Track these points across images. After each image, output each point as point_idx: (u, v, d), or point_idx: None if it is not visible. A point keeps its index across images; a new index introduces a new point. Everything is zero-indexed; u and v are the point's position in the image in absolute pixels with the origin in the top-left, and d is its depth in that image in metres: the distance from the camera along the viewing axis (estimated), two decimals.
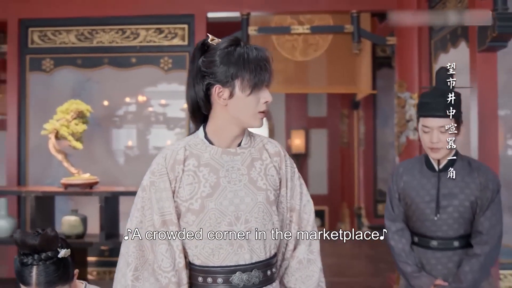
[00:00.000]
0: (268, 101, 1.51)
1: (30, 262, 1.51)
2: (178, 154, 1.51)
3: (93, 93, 4.46)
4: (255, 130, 1.65)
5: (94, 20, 4.39)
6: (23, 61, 4.45)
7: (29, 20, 4.45)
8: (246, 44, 1.52)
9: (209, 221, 1.46)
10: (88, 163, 4.41)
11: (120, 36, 4.38)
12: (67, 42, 4.43)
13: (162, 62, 4.35)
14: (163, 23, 4.34)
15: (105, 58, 4.41)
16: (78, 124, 3.63)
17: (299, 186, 1.67)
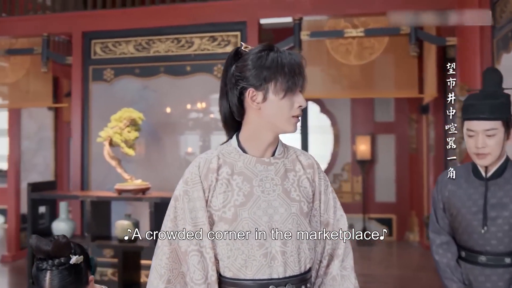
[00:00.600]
0: (302, 106, 1.48)
1: (44, 267, 1.55)
2: (212, 162, 1.49)
3: (150, 101, 4.58)
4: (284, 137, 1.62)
5: (151, 31, 4.52)
6: (86, 71, 4.67)
7: (92, 32, 4.66)
8: (280, 49, 1.51)
9: (242, 230, 1.43)
10: (146, 170, 4.54)
11: (176, 45, 4.48)
12: (126, 52, 4.59)
13: (216, 70, 4.40)
14: (217, 31, 4.38)
15: (161, 67, 4.52)
16: (131, 132, 3.74)
17: (332, 199, 1.63)
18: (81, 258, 1.59)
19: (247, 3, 4.31)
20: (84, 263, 1.62)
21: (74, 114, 4.66)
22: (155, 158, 4.58)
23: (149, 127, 4.57)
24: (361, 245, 7.24)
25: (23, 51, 4.92)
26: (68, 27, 4.73)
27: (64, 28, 4.77)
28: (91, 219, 3.74)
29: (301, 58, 1.51)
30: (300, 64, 1.48)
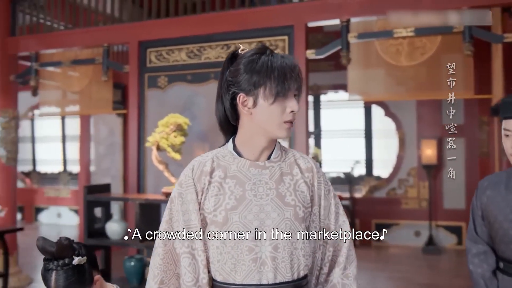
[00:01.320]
0: (294, 111, 1.46)
1: (50, 267, 1.64)
2: (206, 165, 1.51)
3: (201, 107, 4.68)
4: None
5: (202, 38, 4.61)
6: (142, 79, 4.86)
7: (147, 41, 4.85)
8: (273, 52, 1.49)
9: (232, 234, 1.43)
10: None
11: (225, 51, 4.54)
12: (179, 59, 4.73)
13: None
14: (264, 36, 4.40)
15: (211, 73, 4.61)
16: (177, 137, 3.83)
17: (334, 205, 1.59)
18: (84, 259, 1.66)
19: (294, 7, 4.29)
20: (89, 264, 1.69)
21: (130, 120, 4.87)
22: None
23: (200, 133, 4.67)
24: (428, 254, 6.95)
25: (86, 61, 5.21)
26: (126, 37, 4.95)
27: (122, 38, 5.00)
28: (140, 220, 3.88)
29: (293, 61, 1.48)
30: (292, 67, 1.46)
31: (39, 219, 9.93)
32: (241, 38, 4.48)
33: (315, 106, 8.50)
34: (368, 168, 8.25)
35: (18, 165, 10.38)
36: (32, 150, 10.65)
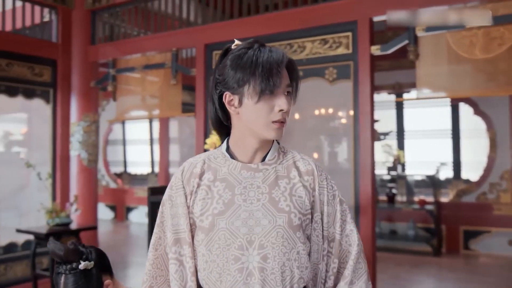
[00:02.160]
0: (283, 110, 1.33)
1: (59, 271, 1.65)
2: (196, 167, 1.42)
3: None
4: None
5: (266, 38, 4.54)
6: (208, 81, 4.89)
7: (213, 44, 4.87)
8: (262, 46, 1.37)
9: (218, 241, 1.33)
10: None
11: (289, 50, 4.44)
12: None
13: (327, 73, 4.24)
14: (327, 33, 4.23)
15: None
16: None
17: (340, 212, 1.44)
18: (91, 264, 1.65)
19: (357, 2, 4.08)
20: (97, 269, 1.68)
21: (198, 122, 4.91)
22: None
23: None
24: None
25: (157, 66, 5.35)
26: (192, 41, 5.01)
27: (189, 42, 5.07)
28: None
29: (282, 55, 1.35)
30: (279, 62, 1.32)
31: (130, 218, 10.43)
32: (303, 36, 4.35)
33: (397, 105, 8.10)
34: (455, 170, 7.71)
35: (110, 167, 11.03)
36: (123, 152, 11.23)
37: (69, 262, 1.64)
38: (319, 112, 4.46)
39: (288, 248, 1.33)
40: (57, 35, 5.65)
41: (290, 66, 1.41)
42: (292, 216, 1.35)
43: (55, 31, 5.66)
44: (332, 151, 4.36)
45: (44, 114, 5.64)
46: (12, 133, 6.81)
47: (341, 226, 1.44)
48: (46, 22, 5.76)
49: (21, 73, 5.27)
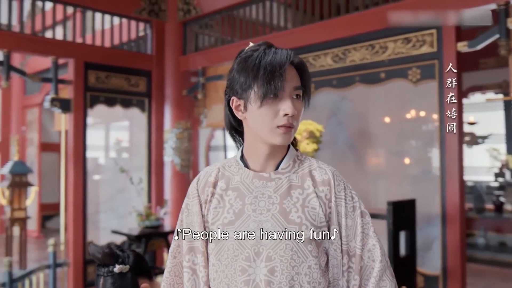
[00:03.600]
0: (288, 114, 1.27)
1: (98, 273, 1.71)
2: (211, 175, 1.40)
3: (347, 112, 4.48)
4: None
5: (347, 40, 4.42)
6: None
7: (295, 49, 4.83)
8: (269, 48, 1.32)
9: (227, 251, 1.30)
10: None
11: (370, 52, 4.27)
12: (325, 64, 4.60)
13: (410, 74, 4.01)
14: (411, 32, 4.00)
15: (356, 76, 4.37)
16: (309, 144, 3.72)
17: (361, 225, 1.33)
18: (126, 268, 1.69)
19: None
20: (133, 272, 1.72)
21: None
22: (353, 170, 4.43)
23: (347, 140, 4.47)
24: None
25: None
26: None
27: None
28: None
29: (286, 56, 1.28)
30: (282, 64, 1.25)
31: None
32: (386, 36, 4.16)
33: (506, 105, 7.43)
34: None
35: None
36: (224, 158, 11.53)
37: (106, 265, 1.70)
38: (402, 115, 4.23)
39: (297, 262, 1.26)
40: (151, 48, 5.97)
41: (301, 67, 1.34)
42: (303, 228, 1.28)
43: (150, 44, 5.98)
44: (416, 156, 4.11)
45: (140, 122, 5.98)
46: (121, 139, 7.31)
47: (362, 240, 1.32)
48: (141, 36, 6.11)
49: (119, 84, 5.64)
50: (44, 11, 5.21)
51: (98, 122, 7.40)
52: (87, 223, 5.31)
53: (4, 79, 4.74)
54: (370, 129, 4.37)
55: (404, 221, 3.30)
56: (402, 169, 4.19)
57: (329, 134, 4.50)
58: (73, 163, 5.24)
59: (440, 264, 3.76)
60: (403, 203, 3.33)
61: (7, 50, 4.74)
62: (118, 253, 1.73)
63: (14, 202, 5.63)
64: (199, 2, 5.74)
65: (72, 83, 5.27)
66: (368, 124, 4.38)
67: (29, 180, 6.03)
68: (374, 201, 4.24)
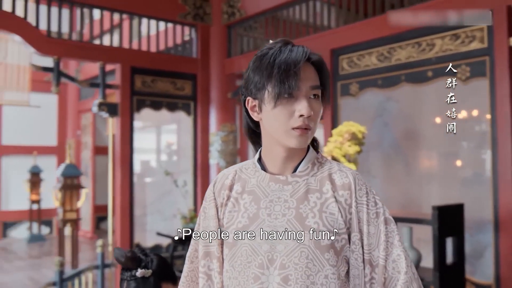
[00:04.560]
0: (303, 115, 1.20)
1: (122, 277, 1.71)
2: (228, 178, 1.36)
3: (393, 113, 4.32)
4: None
5: (392, 38, 4.26)
6: (335, 87, 4.75)
7: (339, 49, 4.72)
8: (285, 45, 1.25)
9: (240, 257, 1.25)
10: (389, 186, 4.29)
11: (416, 50, 4.10)
12: (370, 64, 4.47)
13: (459, 72, 3.81)
14: (459, 27, 3.81)
15: (402, 75, 4.21)
16: (351, 146, 3.61)
17: (385, 233, 1.24)
18: (149, 272, 1.68)
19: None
20: (155, 276, 1.70)
21: (325, 130, 4.80)
22: (400, 173, 4.27)
23: (392, 142, 4.31)
24: None
25: None
26: (318, 47, 4.92)
27: (314, 48, 4.97)
28: None
29: (302, 54, 1.21)
30: (296, 62, 1.19)
31: None
32: (433, 33, 3.98)
33: None
34: None
35: None
36: None
37: (129, 269, 1.69)
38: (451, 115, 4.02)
39: (313, 271, 1.19)
40: (196, 51, 6.02)
41: (319, 65, 1.27)
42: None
43: (195, 47, 6.03)
44: (467, 158, 3.89)
45: (187, 125, 6.04)
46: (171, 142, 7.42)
47: (386, 249, 1.23)
48: (186, 41, 6.17)
49: (164, 88, 5.72)
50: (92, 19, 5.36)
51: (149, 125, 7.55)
52: (134, 225, 5.40)
53: (54, 85, 4.90)
54: (417, 130, 4.19)
55: (451, 227, 3.12)
56: (452, 172, 3.98)
57: (374, 136, 4.36)
58: (120, 166, 5.34)
59: (493, 272, 3.55)
60: (450, 208, 3.15)
61: (57, 57, 4.90)
62: (141, 257, 1.73)
63: (66, 204, 5.82)
64: (243, 4, 5.74)
65: (119, 88, 5.38)
66: (415, 125, 4.20)
67: (80, 182, 6.22)
68: (421, 205, 4.05)
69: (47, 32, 4.92)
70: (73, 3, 5.05)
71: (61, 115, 10.25)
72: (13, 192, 9.55)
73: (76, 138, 9.95)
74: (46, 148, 9.87)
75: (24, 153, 9.56)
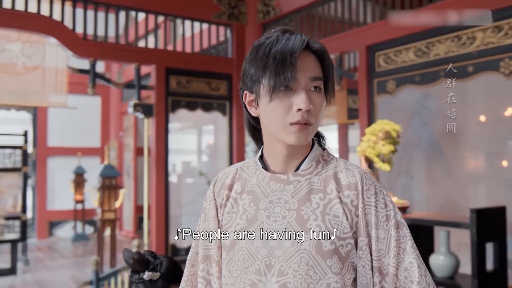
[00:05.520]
0: (301, 109, 1.11)
1: (131, 280, 1.67)
2: (228, 177, 1.29)
3: (431, 111, 4.13)
4: None
5: (430, 33, 4.07)
6: (371, 85, 4.60)
7: (375, 45, 4.56)
8: (283, 34, 1.15)
9: (237, 262, 1.17)
10: (428, 187, 4.11)
11: (456, 44, 3.89)
12: (407, 60, 4.28)
13: (502, 66, 3.59)
14: (502, 18, 3.58)
15: (441, 71, 4.01)
16: (385, 145, 3.46)
17: (395, 238, 1.13)
18: (157, 275, 1.63)
19: None
20: (164, 279, 1.65)
21: (361, 130, 4.64)
22: (439, 174, 4.07)
23: (431, 140, 4.12)
24: None
25: None
26: (354, 44, 4.77)
27: (351, 45, 4.84)
28: None
29: (300, 42, 1.12)
30: (293, 51, 1.09)
31: None
32: (473, 25, 3.76)
33: None
34: None
35: None
36: None
37: (138, 272, 1.65)
38: (494, 113, 3.80)
39: (314, 279, 1.10)
40: (231, 51, 5.98)
41: (321, 54, 1.18)
42: (322, 239, 1.11)
43: (230, 47, 5.99)
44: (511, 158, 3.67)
45: (223, 125, 6.00)
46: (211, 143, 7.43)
47: (397, 256, 1.13)
48: (221, 42, 6.14)
49: (200, 88, 5.70)
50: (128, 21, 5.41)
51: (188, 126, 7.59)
52: (170, 225, 5.40)
53: (90, 87, 4.97)
54: (457, 129, 3.97)
55: (492, 231, 2.92)
56: (496, 173, 3.76)
57: (412, 135, 4.19)
58: (155, 167, 5.37)
59: None
60: (490, 211, 2.95)
61: (93, 58, 4.97)
62: (149, 259, 1.68)
63: (104, 204, 5.90)
64: (278, 2, 5.65)
65: (154, 89, 5.41)
66: (456, 123, 3.99)
67: (123, 183, 6.29)
68: (462, 207, 3.85)
69: (83, 34, 4.99)
70: (108, 5, 5.11)
71: (104, 117, 10.47)
72: (59, 192, 9.83)
73: (119, 140, 10.14)
74: (90, 149, 10.11)
75: (69, 154, 9.82)
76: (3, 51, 5.89)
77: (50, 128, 9.85)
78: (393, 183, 4.14)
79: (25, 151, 7.16)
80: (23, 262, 7.27)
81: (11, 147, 7.17)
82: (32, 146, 9.64)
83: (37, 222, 9.76)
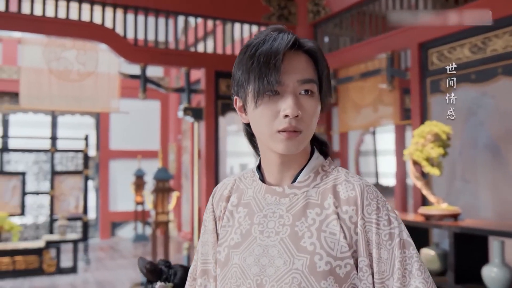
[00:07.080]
0: (287, 115, 1.02)
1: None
2: (226, 188, 1.22)
3: (489, 110, 3.86)
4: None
5: (486, 27, 3.81)
6: (424, 84, 4.38)
7: (428, 42, 4.34)
8: (272, 32, 1.06)
9: (230, 279, 1.10)
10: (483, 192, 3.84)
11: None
12: (462, 57, 4.04)
13: None
14: None
15: (499, 67, 3.74)
16: (434, 148, 3.27)
17: (399, 259, 1.03)
18: (169, 286, 1.59)
19: None
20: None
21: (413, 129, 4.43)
22: (496, 179, 3.79)
23: (489, 143, 3.85)
24: None
25: (373, 73, 5.06)
26: (406, 41, 4.57)
27: (402, 43, 4.63)
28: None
29: (287, 41, 1.02)
30: (277, 52, 1.00)
31: None
32: None
33: None
34: None
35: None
36: (374, 163, 11.02)
37: (150, 282, 1.62)
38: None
39: None
40: None
41: (313, 54, 1.08)
42: (316, 259, 1.02)
43: None
44: None
45: None
46: None
47: (401, 279, 1.01)
48: None
49: None
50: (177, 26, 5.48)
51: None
52: None
53: (141, 91, 5.07)
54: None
55: None
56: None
57: (468, 136, 3.94)
58: (205, 169, 5.39)
59: None
60: None
61: (143, 64, 5.07)
62: (163, 269, 1.64)
63: (158, 206, 6.00)
64: (328, 1, 5.52)
65: (204, 92, 5.44)
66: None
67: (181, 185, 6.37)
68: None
69: (134, 40, 5.10)
70: (158, 11, 5.20)
71: (164, 120, 10.72)
72: (120, 194, 10.16)
73: (177, 143, 10.33)
74: (150, 152, 10.37)
75: (130, 157, 10.13)
76: (59, 58, 6.17)
77: (112, 132, 10.20)
78: (446, 188, 3.90)
79: (86, 154, 7.44)
80: (85, 261, 7.55)
81: (73, 150, 7.47)
82: (95, 150, 10.03)
83: (100, 223, 10.14)
